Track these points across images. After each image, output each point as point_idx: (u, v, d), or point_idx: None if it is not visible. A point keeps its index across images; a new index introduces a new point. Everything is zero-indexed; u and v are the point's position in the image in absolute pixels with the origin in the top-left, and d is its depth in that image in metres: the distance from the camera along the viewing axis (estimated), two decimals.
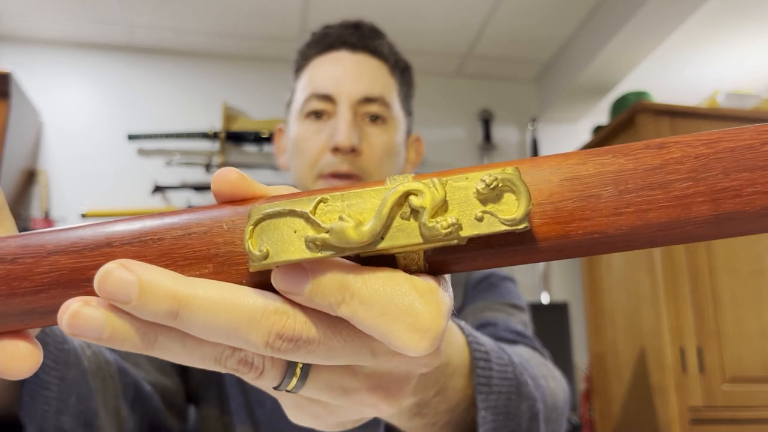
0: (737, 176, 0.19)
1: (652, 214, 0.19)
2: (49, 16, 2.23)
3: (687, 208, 0.19)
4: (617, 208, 0.19)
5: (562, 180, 0.20)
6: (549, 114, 2.66)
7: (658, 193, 0.19)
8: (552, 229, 0.19)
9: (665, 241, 0.19)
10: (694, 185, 0.19)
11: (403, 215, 0.19)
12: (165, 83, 2.45)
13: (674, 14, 1.99)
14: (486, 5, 2.20)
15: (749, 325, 1.92)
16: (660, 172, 0.19)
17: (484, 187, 0.19)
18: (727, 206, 0.19)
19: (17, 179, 2.11)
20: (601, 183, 0.19)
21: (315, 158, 0.69)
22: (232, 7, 2.19)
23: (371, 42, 0.74)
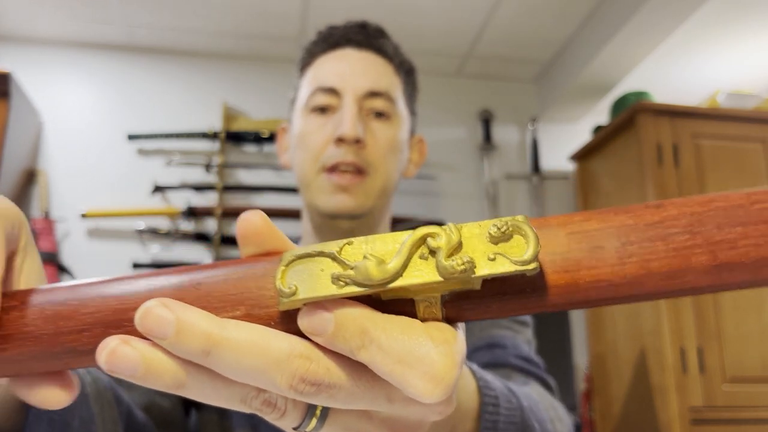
0: (731, 230, 0.20)
1: (654, 264, 0.20)
2: (48, 16, 2.23)
3: (686, 258, 0.20)
4: (621, 258, 0.20)
5: (568, 234, 0.21)
6: (549, 114, 2.66)
7: (658, 244, 0.20)
8: (561, 277, 0.21)
9: (669, 292, 0.20)
10: (692, 238, 0.20)
11: (422, 255, 0.21)
12: (165, 83, 2.45)
13: (674, 14, 1.99)
14: (486, 5, 2.20)
15: (749, 325, 1.93)
16: (659, 226, 0.21)
17: (496, 231, 0.21)
18: (724, 257, 0.20)
19: (17, 179, 2.11)
20: (605, 236, 0.21)
21: (319, 151, 0.69)
22: (232, 7, 2.19)
23: (376, 41, 0.74)
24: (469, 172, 2.59)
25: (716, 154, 2.08)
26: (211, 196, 2.34)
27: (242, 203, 2.36)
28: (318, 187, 0.68)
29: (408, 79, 0.77)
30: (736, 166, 2.08)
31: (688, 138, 2.07)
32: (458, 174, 2.58)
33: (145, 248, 2.22)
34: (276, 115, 2.42)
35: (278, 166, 2.39)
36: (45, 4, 2.16)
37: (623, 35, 2.11)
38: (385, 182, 0.70)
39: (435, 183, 2.51)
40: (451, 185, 2.55)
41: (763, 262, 0.20)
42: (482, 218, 2.40)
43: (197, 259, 2.23)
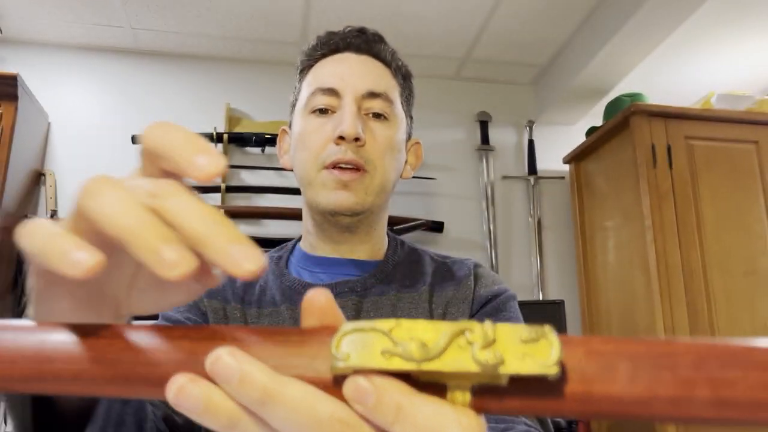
0: (732, 372, 0.23)
1: (661, 390, 0.23)
2: (55, 20, 2.27)
3: (690, 389, 0.23)
4: (632, 379, 0.23)
5: (587, 352, 0.24)
6: (546, 116, 2.69)
7: (665, 373, 0.23)
8: (577, 387, 0.23)
9: (674, 416, 0.23)
10: (695, 372, 0.23)
11: (459, 345, 0.23)
12: (169, 86, 2.48)
13: (669, 18, 2.01)
14: (484, 10, 2.23)
15: (743, 324, 1.95)
16: (667, 357, 0.23)
17: (527, 334, 0.23)
18: (724, 394, 0.22)
19: (24, 180, 2.14)
20: (619, 358, 0.23)
21: (319, 150, 0.70)
22: (235, 11, 2.23)
23: (375, 46, 0.76)
24: (467, 173, 2.63)
25: (710, 155, 2.10)
26: (214, 197, 2.37)
27: (245, 204, 2.39)
28: (319, 184, 0.70)
29: (405, 83, 0.80)
30: (729, 167, 2.10)
31: (681, 139, 2.10)
32: (456, 175, 2.61)
33: None
34: (278, 118, 2.46)
35: (280, 168, 2.43)
36: (52, 8, 2.20)
37: (619, 39, 2.13)
38: (384, 180, 0.72)
39: (433, 184, 2.54)
40: (450, 186, 2.59)
41: (758, 404, 0.22)
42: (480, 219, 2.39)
43: None
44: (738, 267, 2.00)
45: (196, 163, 0.24)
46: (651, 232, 1.97)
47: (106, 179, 0.24)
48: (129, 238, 0.22)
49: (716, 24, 2.18)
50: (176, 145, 0.25)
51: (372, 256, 0.77)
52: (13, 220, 2.08)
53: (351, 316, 0.70)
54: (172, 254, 0.22)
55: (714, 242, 2.01)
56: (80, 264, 0.22)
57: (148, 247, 0.22)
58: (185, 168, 0.24)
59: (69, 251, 0.22)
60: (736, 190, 2.08)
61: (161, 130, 0.26)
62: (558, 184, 2.69)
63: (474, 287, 0.74)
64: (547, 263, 2.59)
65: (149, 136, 0.26)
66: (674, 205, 2.01)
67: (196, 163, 0.24)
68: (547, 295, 2.53)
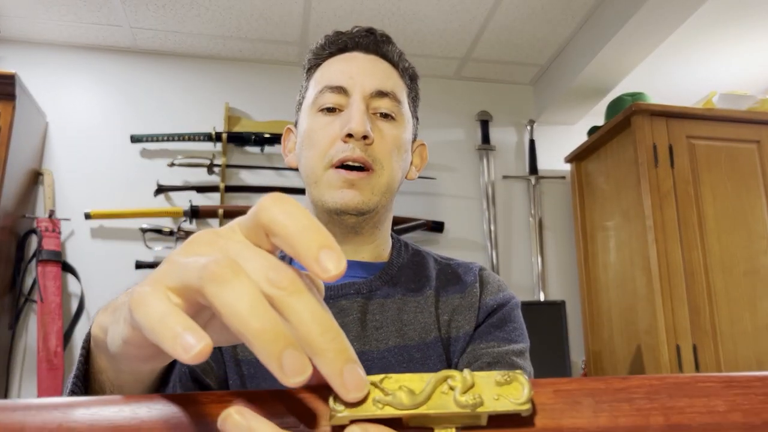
0: (680, 400, 0.26)
1: (621, 420, 0.26)
2: (53, 19, 2.26)
3: (646, 417, 0.26)
4: (595, 412, 0.26)
5: (554, 391, 0.27)
6: (546, 116, 2.68)
7: (624, 405, 0.26)
8: (549, 422, 0.26)
9: None
10: (650, 402, 0.26)
11: (443, 391, 0.26)
12: (168, 85, 2.47)
13: (670, 17, 2.00)
14: (484, 10, 2.23)
15: (744, 323, 1.94)
16: (624, 392, 0.26)
17: (501, 378, 0.26)
18: (675, 419, 0.25)
19: (23, 179, 2.13)
20: (582, 394, 0.26)
21: (327, 147, 0.70)
22: (234, 10, 2.22)
23: (383, 46, 0.76)
24: (467, 172, 2.62)
25: (711, 154, 2.10)
26: (214, 196, 2.36)
27: (244, 204, 2.38)
28: (326, 183, 0.70)
29: (412, 84, 0.80)
30: (730, 166, 2.10)
31: (683, 139, 2.09)
32: (457, 174, 2.60)
33: (149, 248, 2.25)
34: (278, 117, 2.45)
35: (280, 167, 2.42)
36: (50, 7, 2.19)
37: (619, 39, 2.13)
38: (390, 180, 0.71)
39: (434, 183, 2.53)
40: (450, 186, 2.58)
41: (704, 427, 0.25)
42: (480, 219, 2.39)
43: None
44: (739, 266, 2.00)
45: (321, 263, 0.25)
46: (652, 232, 1.97)
47: (233, 264, 0.25)
48: (254, 341, 0.24)
49: (718, 23, 2.18)
50: (300, 234, 0.26)
51: (376, 258, 0.76)
52: (11, 220, 2.07)
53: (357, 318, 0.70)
54: (293, 364, 0.24)
55: (715, 242, 2.00)
56: (191, 349, 0.23)
57: (271, 353, 0.24)
58: (309, 264, 0.25)
59: (181, 335, 0.23)
60: (737, 189, 2.08)
61: (282, 210, 0.27)
62: (559, 184, 2.68)
63: (480, 294, 0.74)
64: (548, 263, 2.58)
65: (269, 212, 0.27)
66: (676, 204, 2.00)
67: (322, 263, 0.25)
68: (548, 295, 2.52)
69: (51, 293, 2.06)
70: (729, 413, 0.26)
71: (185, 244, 0.28)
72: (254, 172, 2.42)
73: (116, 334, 0.29)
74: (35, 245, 2.13)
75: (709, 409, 0.26)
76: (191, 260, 0.26)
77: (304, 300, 0.25)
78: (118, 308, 0.30)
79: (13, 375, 2.08)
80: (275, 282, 0.25)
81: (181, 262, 0.26)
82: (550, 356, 2.17)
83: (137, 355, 0.29)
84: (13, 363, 2.09)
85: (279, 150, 2.43)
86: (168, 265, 0.27)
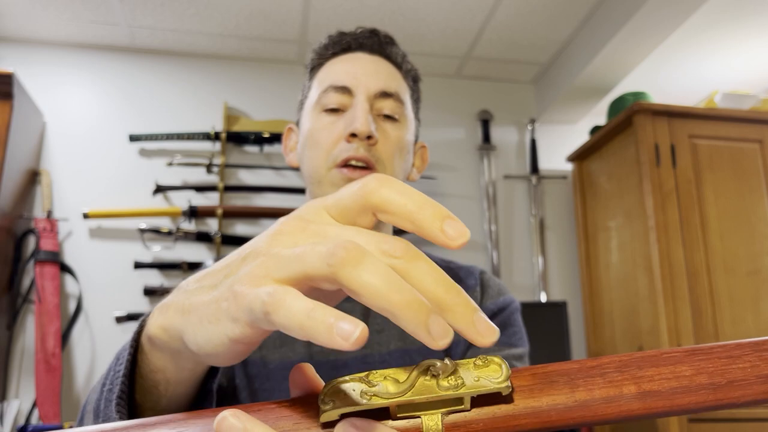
0: (648, 370, 0.28)
1: (597, 392, 0.27)
2: (51, 18, 2.25)
3: (619, 387, 0.27)
4: (572, 389, 0.28)
5: (531, 374, 0.28)
6: (547, 115, 2.67)
7: (597, 379, 0.28)
8: (528, 400, 0.28)
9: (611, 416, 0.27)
10: (621, 375, 0.28)
11: (426, 379, 0.27)
12: (166, 84, 2.46)
13: (672, 16, 2.00)
14: (485, 8, 2.21)
15: (746, 324, 1.94)
16: (596, 368, 0.28)
17: (479, 362, 0.28)
18: (645, 387, 0.27)
19: (20, 179, 2.12)
20: (557, 374, 0.28)
21: (330, 147, 0.70)
22: (233, 9, 2.21)
23: (387, 47, 0.77)
24: (468, 172, 2.61)
25: (713, 154, 2.09)
26: (213, 196, 2.35)
27: (243, 203, 2.37)
28: (329, 182, 0.69)
29: (414, 86, 0.80)
30: (733, 166, 2.09)
31: (685, 138, 2.08)
32: (458, 174, 2.59)
33: (147, 248, 2.23)
34: (277, 117, 2.44)
35: (279, 167, 2.40)
36: (48, 5, 2.17)
37: (621, 37, 2.12)
38: None
39: (434, 183, 2.52)
40: (451, 185, 2.57)
41: (673, 391, 0.27)
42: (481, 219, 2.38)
43: (199, 258, 2.24)
44: (742, 267, 1.99)
45: (447, 233, 0.27)
46: (654, 232, 1.96)
47: (357, 246, 0.26)
48: (401, 313, 0.25)
49: (720, 22, 2.17)
50: (421, 210, 0.28)
51: None
52: (8, 220, 2.06)
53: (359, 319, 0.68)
54: (439, 328, 0.25)
55: (718, 242, 1.99)
56: (351, 336, 0.24)
57: (419, 322, 0.25)
58: (435, 236, 0.27)
59: (336, 325, 0.24)
60: (740, 189, 2.07)
61: (396, 190, 0.28)
62: (560, 184, 2.67)
63: (481, 298, 0.74)
64: (550, 264, 2.57)
65: (380, 192, 0.28)
66: (678, 204, 2.00)
67: (447, 233, 0.27)
68: (550, 295, 2.51)
69: (49, 293, 2.05)
70: (695, 376, 0.27)
71: (275, 235, 0.29)
72: (253, 171, 2.41)
73: (213, 334, 0.29)
74: (33, 245, 2.11)
75: (676, 375, 0.27)
76: (302, 250, 0.27)
77: (422, 264, 0.27)
78: (191, 310, 0.31)
79: (10, 376, 2.07)
80: (392, 252, 0.27)
81: (289, 254, 0.27)
82: (551, 357, 2.16)
83: (243, 351, 0.30)
84: (10, 364, 2.08)
85: (278, 149, 2.41)
86: (270, 259, 0.28)
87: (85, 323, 2.16)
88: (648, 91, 2.35)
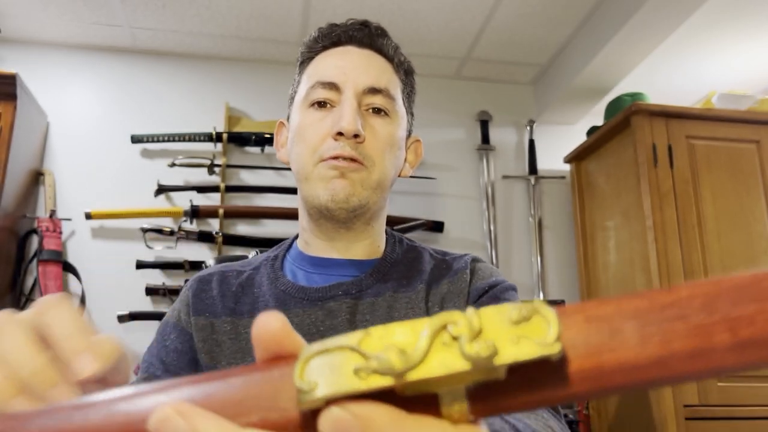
0: (746, 307, 0.20)
1: (677, 344, 0.20)
2: (53, 19, 2.27)
3: (708, 337, 0.20)
4: (642, 340, 0.20)
5: (586, 319, 0.21)
6: (546, 116, 2.68)
7: (677, 324, 0.20)
8: (585, 362, 0.20)
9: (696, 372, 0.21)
10: (710, 316, 0.20)
11: (444, 342, 0.20)
12: (168, 85, 2.48)
13: (670, 17, 2.00)
14: (484, 10, 2.23)
15: None
16: (674, 307, 0.21)
17: (516, 314, 0.20)
18: (745, 333, 0.20)
19: (24, 179, 2.13)
20: (622, 319, 0.21)
21: (317, 144, 0.69)
22: (234, 10, 2.22)
23: (378, 40, 0.75)
24: (467, 172, 2.62)
25: (711, 154, 2.10)
26: (214, 196, 2.36)
27: (244, 203, 2.39)
28: (317, 177, 0.69)
29: (407, 79, 0.78)
30: (730, 166, 2.09)
31: (682, 139, 2.09)
32: (457, 174, 2.61)
33: (149, 248, 2.25)
34: (278, 117, 2.44)
35: (280, 167, 2.42)
36: (51, 7, 2.19)
37: (619, 39, 2.13)
38: (382, 177, 0.70)
39: (434, 183, 2.54)
40: (450, 186, 2.58)
41: None
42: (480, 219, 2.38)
43: (200, 258, 2.26)
44: (739, 266, 1.99)
45: None
46: (652, 232, 1.97)
47: None
48: None
49: (717, 23, 2.18)
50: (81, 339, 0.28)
51: (369, 255, 0.75)
52: (12, 220, 2.07)
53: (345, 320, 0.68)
54: None
55: (715, 242, 2.00)
56: None
57: None
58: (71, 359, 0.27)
59: None
60: (737, 189, 2.08)
61: None
62: (559, 184, 2.68)
63: (470, 280, 0.72)
64: (548, 263, 2.58)
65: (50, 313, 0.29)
66: (675, 204, 2.00)
67: None
68: (548, 295, 2.52)
69: (52, 293, 2.06)
70: None
71: None
72: (254, 172, 2.42)
73: None
74: (36, 245, 2.13)
75: None
76: None
77: None
78: None
79: None
80: None
81: None
82: None
83: None
84: None
85: None
86: None
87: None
88: (646, 91, 2.36)
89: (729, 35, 2.26)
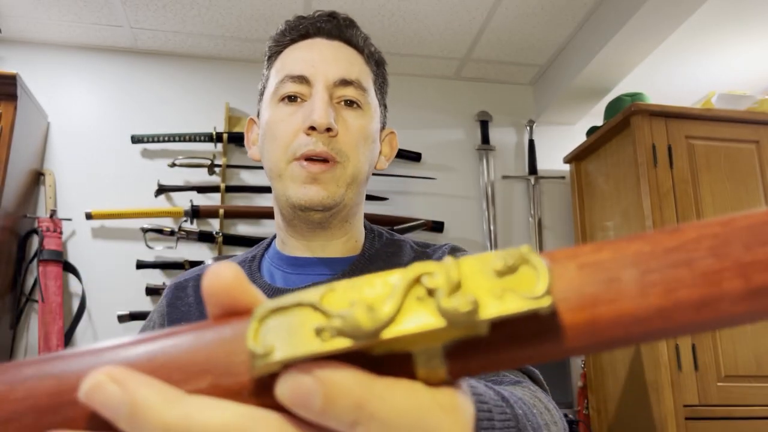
0: (761, 249, 0.18)
1: (682, 293, 0.18)
2: (54, 19, 2.27)
3: (717, 284, 0.18)
4: (643, 289, 0.18)
5: (579, 266, 0.19)
6: (546, 116, 2.69)
7: (683, 271, 0.18)
8: (578, 315, 0.18)
9: (703, 323, 0.18)
10: (719, 261, 0.18)
11: (418, 296, 0.18)
12: (168, 85, 2.48)
13: (670, 18, 2.01)
14: (484, 10, 2.23)
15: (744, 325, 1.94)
16: (679, 250, 0.18)
17: (501, 264, 0.18)
18: (759, 280, 0.18)
19: (24, 179, 2.14)
20: (620, 266, 0.18)
21: (289, 140, 0.67)
22: (235, 11, 2.23)
23: (347, 31, 0.73)
24: (467, 172, 2.62)
25: (710, 155, 2.10)
26: (214, 196, 2.37)
27: (244, 203, 2.39)
28: (290, 177, 0.67)
29: (378, 70, 0.76)
30: (729, 166, 2.10)
31: (682, 139, 2.09)
32: (456, 175, 2.61)
33: (149, 248, 2.25)
34: None
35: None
36: (51, 7, 2.20)
37: (619, 39, 2.13)
38: (356, 171, 0.69)
39: (434, 184, 2.54)
40: (450, 185, 2.58)
41: None
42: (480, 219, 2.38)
43: (200, 258, 2.26)
44: None
45: None
46: None
47: None
48: None
49: (717, 24, 2.18)
50: None
51: (347, 252, 0.73)
52: (12, 220, 2.08)
53: None
54: None
55: None
56: None
57: None
58: None
59: None
60: (736, 189, 2.08)
61: None
62: (558, 184, 2.68)
63: None
64: None
65: None
66: (675, 204, 2.01)
67: None
68: None
69: (52, 293, 2.07)
70: None
71: None
72: (255, 172, 2.43)
73: None
74: (36, 245, 2.13)
75: None
76: None
77: None
78: None
79: None
80: None
81: None
82: None
83: None
84: None
85: None
86: None
87: (88, 322, 2.18)
88: (646, 92, 2.36)
89: (729, 35, 2.26)
